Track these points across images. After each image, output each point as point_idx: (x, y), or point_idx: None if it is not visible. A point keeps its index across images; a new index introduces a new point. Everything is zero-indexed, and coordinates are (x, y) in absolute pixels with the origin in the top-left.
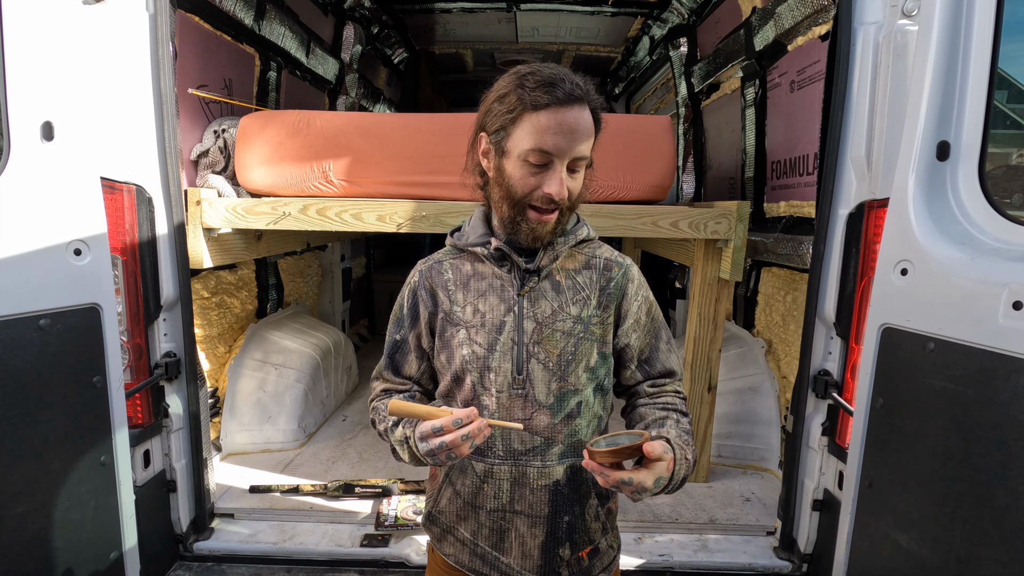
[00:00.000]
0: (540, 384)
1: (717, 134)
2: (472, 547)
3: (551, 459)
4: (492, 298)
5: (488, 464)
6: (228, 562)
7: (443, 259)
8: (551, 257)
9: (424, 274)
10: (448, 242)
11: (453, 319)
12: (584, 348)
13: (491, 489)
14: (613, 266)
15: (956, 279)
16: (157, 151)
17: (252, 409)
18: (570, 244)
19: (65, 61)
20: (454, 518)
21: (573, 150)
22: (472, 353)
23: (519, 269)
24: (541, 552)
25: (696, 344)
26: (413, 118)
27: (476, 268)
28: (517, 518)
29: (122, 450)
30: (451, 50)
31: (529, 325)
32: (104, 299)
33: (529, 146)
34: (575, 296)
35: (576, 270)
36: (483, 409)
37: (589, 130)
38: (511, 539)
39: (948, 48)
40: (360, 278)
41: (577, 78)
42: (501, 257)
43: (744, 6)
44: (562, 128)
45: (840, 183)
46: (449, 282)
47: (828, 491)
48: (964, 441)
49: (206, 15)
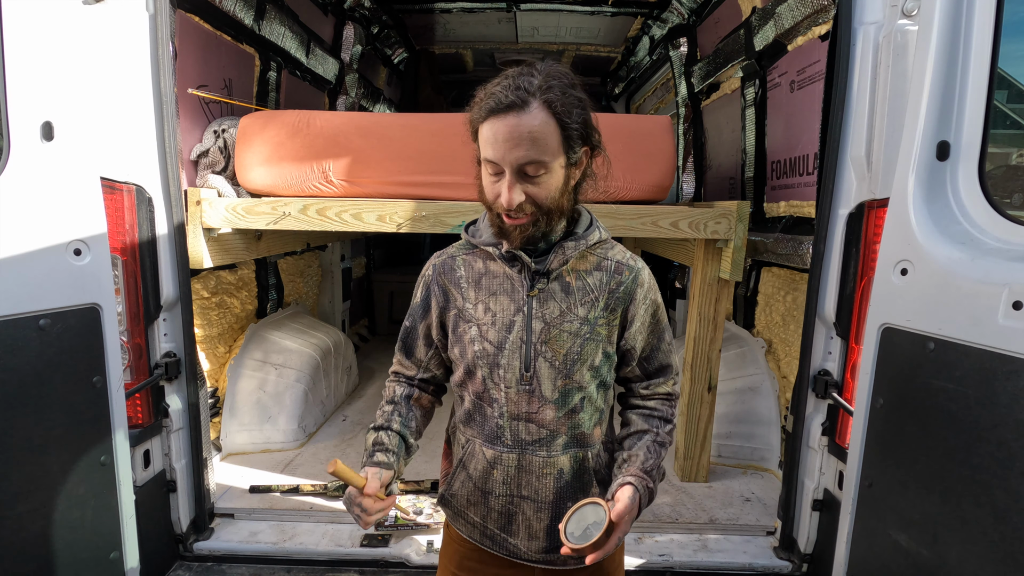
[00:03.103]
0: (546, 381)
1: (717, 134)
2: (482, 528)
3: (556, 450)
4: (503, 298)
5: (497, 452)
6: (228, 562)
7: (456, 255)
8: (561, 260)
9: (437, 269)
10: (463, 236)
11: (465, 316)
12: (589, 348)
13: (500, 475)
14: (624, 269)
15: (956, 279)
16: (157, 151)
17: (252, 409)
18: (580, 249)
19: (65, 61)
20: (464, 502)
21: (514, 157)
22: (483, 350)
23: (529, 270)
24: (547, 535)
25: (696, 344)
26: (413, 118)
27: (488, 266)
28: (524, 503)
29: (122, 450)
30: (451, 50)
31: (537, 325)
32: (104, 299)
33: (484, 157)
34: (583, 297)
35: (587, 271)
36: (493, 402)
37: (532, 135)
38: (518, 522)
39: (948, 48)
40: (360, 278)
41: (529, 79)
42: (512, 257)
43: (744, 6)
44: (497, 138)
45: (840, 183)
46: (462, 279)
47: (828, 491)
48: (964, 441)
49: (206, 15)
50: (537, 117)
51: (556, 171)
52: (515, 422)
